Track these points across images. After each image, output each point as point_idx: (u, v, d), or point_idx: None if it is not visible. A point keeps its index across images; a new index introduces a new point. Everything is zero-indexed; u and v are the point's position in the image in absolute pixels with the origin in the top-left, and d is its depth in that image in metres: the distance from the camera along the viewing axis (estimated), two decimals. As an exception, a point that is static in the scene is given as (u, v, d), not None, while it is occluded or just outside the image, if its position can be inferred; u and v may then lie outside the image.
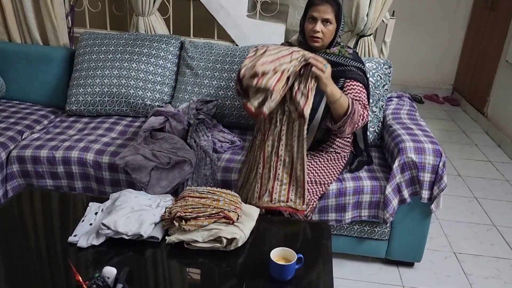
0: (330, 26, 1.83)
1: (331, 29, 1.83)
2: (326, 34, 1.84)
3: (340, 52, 1.90)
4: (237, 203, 1.58)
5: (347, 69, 1.87)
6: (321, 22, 1.82)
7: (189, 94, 2.43)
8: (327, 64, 1.68)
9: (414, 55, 4.73)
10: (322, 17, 1.81)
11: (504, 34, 3.78)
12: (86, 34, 2.65)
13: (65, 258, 1.41)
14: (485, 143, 3.74)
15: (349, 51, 1.92)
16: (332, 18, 1.81)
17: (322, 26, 1.82)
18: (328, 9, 1.80)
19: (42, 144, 2.16)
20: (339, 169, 1.98)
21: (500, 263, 2.25)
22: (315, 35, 1.83)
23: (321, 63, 1.66)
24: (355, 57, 1.91)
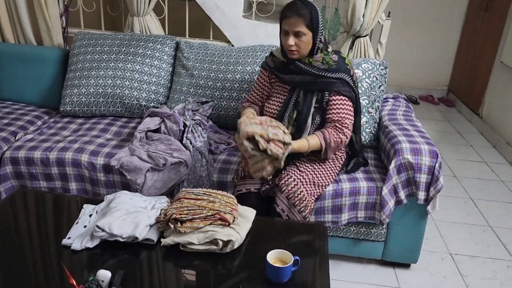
0: (304, 38, 1.76)
1: (306, 40, 1.77)
2: (301, 46, 1.78)
3: (324, 60, 1.83)
4: (233, 204, 1.57)
5: (331, 82, 1.82)
6: (293, 36, 1.76)
7: (184, 95, 2.42)
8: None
9: (409, 56, 4.74)
10: (293, 30, 1.74)
11: (499, 35, 3.79)
12: (81, 34, 2.63)
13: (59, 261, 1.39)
14: (480, 144, 3.75)
15: (334, 58, 1.84)
16: (304, 29, 1.74)
17: (295, 39, 1.76)
18: (298, 21, 1.73)
19: (36, 145, 2.14)
20: (336, 170, 1.97)
21: (496, 264, 2.26)
22: (290, 49, 1.79)
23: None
24: (340, 65, 1.84)
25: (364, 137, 2.25)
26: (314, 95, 1.86)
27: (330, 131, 1.82)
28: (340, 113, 1.83)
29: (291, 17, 1.74)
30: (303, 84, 1.86)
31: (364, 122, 2.25)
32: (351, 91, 1.86)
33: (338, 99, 1.84)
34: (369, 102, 2.27)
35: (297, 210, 1.79)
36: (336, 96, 1.84)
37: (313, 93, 1.86)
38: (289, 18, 1.75)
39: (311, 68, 1.83)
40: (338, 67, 1.84)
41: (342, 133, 1.83)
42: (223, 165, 2.07)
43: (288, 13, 1.75)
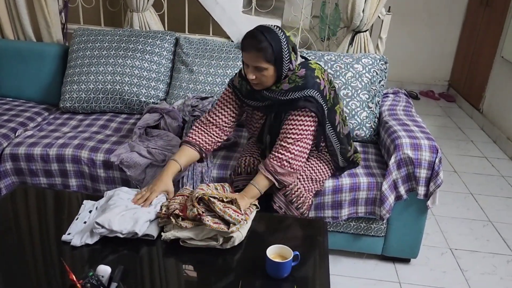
0: (265, 72, 1.60)
1: (268, 74, 1.61)
2: (263, 79, 1.63)
3: (290, 79, 1.66)
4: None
5: (296, 99, 1.66)
6: (253, 69, 1.61)
7: (184, 91, 2.41)
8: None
9: (410, 51, 4.72)
10: (252, 65, 1.60)
11: (500, 30, 3.78)
12: (80, 31, 2.62)
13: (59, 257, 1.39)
14: (480, 139, 3.74)
15: (301, 73, 1.66)
16: (265, 64, 1.57)
17: (257, 72, 1.61)
18: (256, 56, 1.57)
19: (35, 142, 2.14)
20: (332, 165, 1.95)
21: (496, 259, 2.26)
22: (251, 82, 1.66)
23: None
24: (307, 81, 1.65)
25: (364, 132, 2.25)
26: (283, 116, 1.72)
27: (271, 155, 1.67)
28: (292, 128, 1.67)
29: (249, 51, 1.59)
30: (274, 107, 1.73)
31: (364, 117, 2.25)
32: (316, 104, 1.66)
33: (296, 116, 1.67)
34: (369, 97, 2.26)
35: (295, 207, 1.78)
36: (295, 114, 1.67)
37: (282, 114, 1.72)
38: (247, 52, 1.59)
39: (275, 94, 1.68)
40: (305, 83, 1.65)
41: (288, 151, 1.65)
42: (222, 161, 2.07)
43: (246, 47, 1.59)
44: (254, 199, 1.66)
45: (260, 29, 1.60)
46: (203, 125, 1.83)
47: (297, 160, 1.68)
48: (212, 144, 1.82)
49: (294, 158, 1.67)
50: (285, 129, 1.69)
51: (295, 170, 1.69)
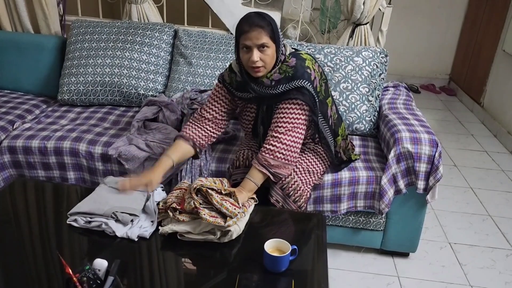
0: (269, 51, 1.59)
1: (271, 53, 1.60)
2: (267, 60, 1.61)
3: (280, 69, 1.65)
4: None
5: (286, 91, 1.65)
6: (257, 50, 1.58)
7: (182, 84, 2.40)
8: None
9: (411, 44, 4.69)
10: (256, 43, 1.57)
11: (501, 23, 3.75)
12: (78, 22, 2.60)
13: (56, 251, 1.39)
14: (481, 133, 3.73)
15: (292, 62, 1.66)
16: (268, 41, 1.58)
17: (260, 53, 1.59)
18: (260, 33, 1.56)
19: (33, 134, 2.13)
20: (329, 157, 1.93)
21: (495, 253, 2.25)
22: (254, 65, 1.60)
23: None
24: (297, 71, 1.64)
25: (364, 126, 2.24)
26: (275, 107, 1.71)
27: (263, 148, 1.66)
28: (282, 117, 1.66)
29: (251, 30, 1.56)
30: (265, 99, 1.71)
31: (364, 111, 2.23)
32: (307, 94, 1.65)
33: (285, 104, 1.66)
34: (369, 91, 2.25)
35: (292, 200, 1.76)
36: (285, 103, 1.66)
37: (274, 105, 1.72)
38: (249, 32, 1.57)
39: (266, 88, 1.67)
40: (294, 73, 1.64)
41: (279, 141, 1.64)
42: (221, 154, 2.06)
43: (246, 27, 1.57)
44: (251, 193, 1.65)
45: (253, 12, 1.62)
46: (196, 120, 1.81)
47: (291, 151, 1.66)
48: (206, 139, 1.81)
49: (287, 149, 1.65)
50: (276, 119, 1.68)
51: (290, 161, 1.67)
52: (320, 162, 1.88)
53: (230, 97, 1.81)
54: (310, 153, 1.87)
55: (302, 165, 1.81)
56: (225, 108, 1.82)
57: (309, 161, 1.84)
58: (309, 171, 1.82)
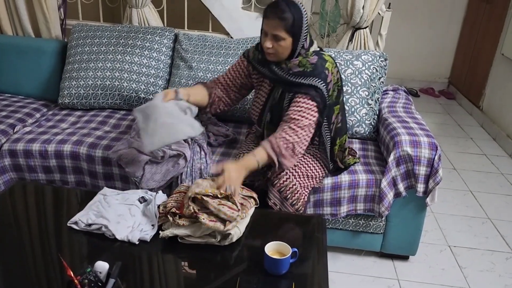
0: (283, 42, 1.65)
1: (284, 45, 1.66)
2: (279, 50, 1.68)
3: (301, 63, 1.71)
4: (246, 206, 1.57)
5: (302, 84, 1.71)
6: (271, 37, 1.66)
7: (183, 87, 2.40)
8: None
9: (410, 48, 4.71)
10: (271, 32, 1.65)
11: (500, 27, 3.77)
12: (79, 26, 2.61)
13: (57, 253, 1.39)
14: (480, 136, 3.74)
15: (313, 60, 1.71)
16: (283, 34, 1.63)
17: (274, 42, 1.66)
18: (277, 25, 1.62)
19: (34, 138, 2.13)
20: (327, 162, 1.94)
21: (495, 256, 2.26)
22: (266, 51, 1.69)
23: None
24: (316, 69, 1.70)
25: (363, 129, 2.25)
26: (286, 98, 1.76)
27: (278, 135, 1.67)
28: (299, 111, 1.69)
29: (271, 18, 1.63)
30: (281, 81, 1.76)
31: (364, 114, 2.24)
32: (318, 96, 1.70)
33: (302, 99, 1.70)
34: (369, 94, 2.26)
35: (290, 203, 1.77)
36: (301, 97, 1.70)
37: (286, 94, 1.76)
38: (269, 19, 1.64)
39: (283, 71, 1.73)
40: (313, 70, 1.70)
41: (295, 134, 1.67)
42: (222, 157, 2.07)
43: (269, 14, 1.64)
44: (248, 171, 1.63)
45: (285, 1, 1.65)
46: (210, 82, 1.96)
47: (300, 147, 1.71)
48: (218, 98, 1.93)
49: (299, 143, 1.69)
50: (292, 112, 1.70)
51: (296, 155, 1.70)
52: (320, 167, 1.89)
53: (247, 72, 1.91)
54: (310, 158, 1.88)
55: (301, 169, 1.82)
56: (239, 80, 1.92)
57: (308, 165, 1.85)
58: (307, 175, 1.83)
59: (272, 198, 1.76)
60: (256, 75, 1.90)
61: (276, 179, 1.76)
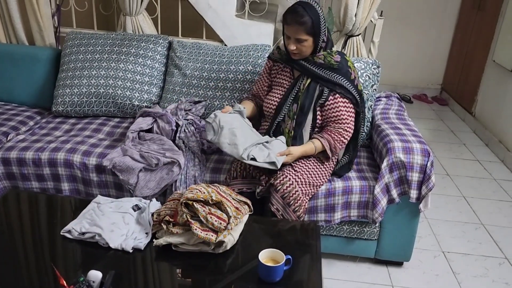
0: (305, 43, 1.82)
1: (307, 45, 1.83)
2: (303, 49, 1.84)
3: (326, 59, 1.87)
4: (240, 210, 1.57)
5: (333, 80, 1.87)
6: (294, 40, 1.82)
7: (177, 95, 2.41)
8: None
9: (402, 55, 4.75)
10: (294, 37, 1.81)
11: (492, 34, 3.81)
12: (73, 34, 2.62)
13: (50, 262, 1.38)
14: (473, 142, 3.77)
15: (337, 58, 1.88)
16: (305, 36, 1.79)
17: (297, 43, 1.82)
18: (298, 29, 1.78)
19: (27, 146, 2.13)
20: (330, 170, 1.98)
21: (488, 262, 2.27)
22: (291, 51, 1.86)
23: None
24: (342, 66, 1.87)
25: (357, 137, 2.26)
26: (317, 90, 1.89)
27: (334, 136, 1.87)
28: (342, 112, 1.88)
29: (291, 24, 1.78)
30: (309, 73, 1.89)
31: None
32: (350, 94, 1.88)
33: (342, 100, 1.87)
34: (362, 101, 2.27)
35: (292, 210, 1.79)
36: (339, 97, 1.87)
37: (316, 85, 1.89)
38: (289, 25, 1.79)
39: (312, 65, 1.88)
40: (340, 67, 1.87)
41: (346, 134, 1.89)
42: (216, 164, 2.07)
43: (289, 21, 1.79)
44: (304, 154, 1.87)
45: (301, 4, 1.80)
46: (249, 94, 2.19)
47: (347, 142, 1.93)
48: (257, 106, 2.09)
49: (347, 139, 1.92)
50: (341, 115, 1.88)
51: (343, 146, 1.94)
52: (322, 175, 1.92)
53: (269, 71, 2.06)
54: (313, 165, 1.90)
55: (304, 176, 1.83)
56: (268, 82, 2.08)
57: (310, 173, 1.87)
58: (309, 183, 1.85)
59: (275, 203, 1.77)
60: (276, 69, 2.03)
61: (280, 184, 1.77)
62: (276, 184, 1.79)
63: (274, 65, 2.04)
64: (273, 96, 2.00)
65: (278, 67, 2.03)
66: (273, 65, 2.05)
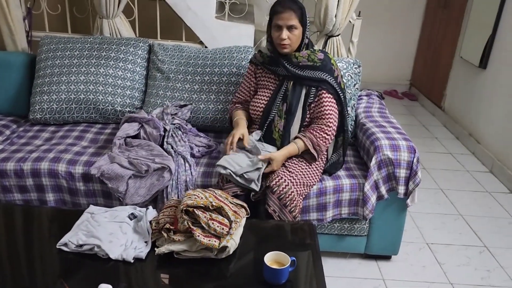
0: (296, 31, 1.86)
1: (297, 34, 1.87)
2: (293, 40, 1.87)
3: (310, 57, 1.92)
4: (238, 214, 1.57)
5: (317, 78, 1.92)
6: (286, 29, 1.85)
7: (161, 99, 2.38)
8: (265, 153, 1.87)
9: (372, 52, 4.85)
10: (286, 24, 1.84)
11: (458, 31, 3.97)
12: (47, 38, 2.53)
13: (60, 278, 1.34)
14: (444, 136, 3.91)
15: (320, 56, 1.93)
16: (297, 23, 1.85)
17: (288, 32, 1.85)
18: (291, 15, 1.83)
19: (7, 157, 2.04)
20: (321, 170, 2.01)
21: (469, 251, 2.37)
22: (282, 42, 1.87)
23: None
24: (325, 64, 1.92)
25: (342, 135, 2.30)
26: (303, 89, 1.93)
27: (316, 134, 1.90)
28: (325, 107, 1.91)
29: (284, 11, 1.83)
30: (293, 75, 1.93)
31: (341, 120, 2.30)
32: (331, 88, 1.93)
33: (326, 96, 1.92)
34: (346, 101, 2.31)
35: (288, 210, 1.81)
36: (325, 93, 1.92)
37: (302, 86, 1.93)
38: (282, 13, 1.84)
39: (296, 67, 1.92)
40: (323, 65, 1.91)
41: (329, 129, 1.91)
42: (206, 168, 2.06)
43: (280, 8, 1.85)
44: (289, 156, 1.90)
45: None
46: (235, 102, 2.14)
47: (331, 137, 1.94)
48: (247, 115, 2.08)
49: (332, 135, 1.94)
50: (322, 109, 1.91)
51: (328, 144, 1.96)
52: (315, 175, 1.95)
53: (255, 75, 2.08)
54: (306, 166, 1.92)
55: (298, 177, 1.86)
56: (253, 85, 2.10)
57: (304, 174, 1.89)
58: (303, 183, 1.87)
59: (271, 205, 1.78)
60: (260, 73, 2.05)
61: (276, 186, 1.79)
62: (272, 186, 1.81)
63: (258, 69, 2.07)
64: (259, 98, 2.02)
65: (262, 70, 2.05)
66: (256, 68, 2.07)
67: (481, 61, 3.49)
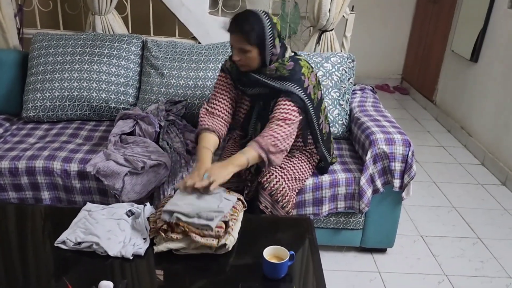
0: (249, 54, 1.67)
1: (252, 56, 1.68)
2: (247, 61, 1.70)
3: (278, 69, 1.73)
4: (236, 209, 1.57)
5: (280, 90, 1.73)
6: (238, 51, 1.69)
7: (155, 95, 2.37)
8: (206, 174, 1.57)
9: (364, 46, 4.86)
10: (236, 46, 1.68)
11: (449, 25, 4.00)
12: (40, 35, 2.50)
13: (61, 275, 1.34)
14: (436, 129, 3.95)
15: (289, 66, 1.74)
16: (247, 47, 1.65)
17: (241, 54, 1.68)
18: (239, 39, 1.65)
19: (1, 155, 2.03)
20: (313, 164, 2.01)
21: (463, 243, 2.40)
22: (237, 63, 1.73)
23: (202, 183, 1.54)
24: (293, 74, 1.73)
25: (337, 129, 2.32)
26: (272, 103, 1.78)
27: (265, 134, 1.68)
28: (282, 112, 1.71)
29: (233, 33, 1.67)
30: (262, 96, 1.81)
31: (336, 115, 2.31)
32: (299, 100, 1.73)
33: (284, 101, 1.72)
34: (340, 95, 2.33)
35: (280, 206, 1.81)
36: (283, 100, 1.72)
37: (271, 99, 1.78)
38: (232, 34, 1.68)
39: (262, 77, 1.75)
40: (290, 76, 1.73)
41: (281, 130, 1.69)
42: (203, 164, 2.06)
43: (231, 29, 1.67)
44: (238, 168, 1.63)
45: (246, 13, 1.68)
46: (208, 114, 1.84)
47: (286, 143, 1.71)
48: (223, 128, 1.83)
49: (285, 139, 1.69)
50: (278, 111, 1.71)
51: (282, 151, 1.71)
52: (306, 169, 1.94)
53: (233, 84, 1.86)
54: (297, 160, 1.92)
55: (289, 172, 1.85)
56: (231, 96, 1.87)
57: (295, 168, 1.89)
58: (295, 178, 1.87)
59: (263, 201, 1.78)
60: (234, 86, 1.87)
61: (267, 182, 1.79)
62: (263, 182, 1.81)
63: (230, 79, 1.86)
64: (238, 113, 1.92)
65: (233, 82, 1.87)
66: (228, 78, 1.86)
67: (473, 54, 3.52)
